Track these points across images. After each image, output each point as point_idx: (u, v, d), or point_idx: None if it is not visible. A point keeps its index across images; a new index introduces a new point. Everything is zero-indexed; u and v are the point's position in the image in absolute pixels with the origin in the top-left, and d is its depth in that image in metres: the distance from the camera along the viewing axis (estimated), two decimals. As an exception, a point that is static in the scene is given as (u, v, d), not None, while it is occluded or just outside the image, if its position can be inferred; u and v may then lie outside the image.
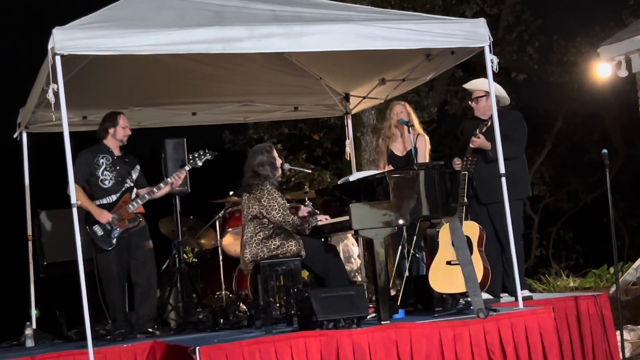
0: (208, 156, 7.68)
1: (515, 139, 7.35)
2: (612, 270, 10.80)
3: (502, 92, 7.59)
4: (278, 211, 6.74)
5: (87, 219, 7.26)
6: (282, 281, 7.02)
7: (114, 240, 7.29)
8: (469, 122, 7.84)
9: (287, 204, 6.90)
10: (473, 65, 13.78)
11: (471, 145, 7.24)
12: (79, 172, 7.11)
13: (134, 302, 7.50)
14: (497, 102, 7.55)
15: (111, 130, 7.51)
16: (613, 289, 9.11)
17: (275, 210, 6.74)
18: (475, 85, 7.71)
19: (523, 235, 7.79)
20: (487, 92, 7.54)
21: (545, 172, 18.09)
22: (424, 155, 8.05)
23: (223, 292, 8.75)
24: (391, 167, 8.06)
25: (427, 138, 8.24)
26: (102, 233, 7.28)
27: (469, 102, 7.79)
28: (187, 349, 5.73)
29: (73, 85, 6.63)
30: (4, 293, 14.07)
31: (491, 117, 7.11)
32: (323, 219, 6.97)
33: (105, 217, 7.26)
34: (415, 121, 8.23)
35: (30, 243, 8.47)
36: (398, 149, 8.27)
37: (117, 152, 7.54)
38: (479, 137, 7.25)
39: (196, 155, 7.67)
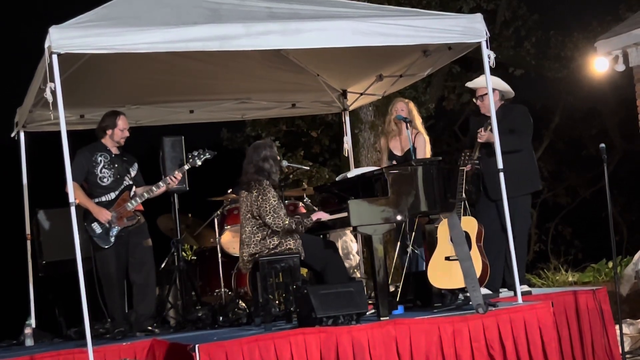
0: (207, 155, 7.68)
1: (521, 132, 7.36)
2: (610, 264, 10.82)
3: (505, 86, 7.62)
4: (268, 213, 6.72)
5: (86, 217, 7.26)
6: (281, 278, 7.02)
7: (113, 239, 7.29)
8: (475, 118, 7.83)
9: (282, 205, 6.86)
10: (470, 60, 13.79)
11: (479, 140, 7.29)
12: (77, 170, 7.11)
13: (133, 301, 7.50)
14: (502, 96, 7.58)
15: (109, 132, 7.51)
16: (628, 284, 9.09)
17: (265, 212, 6.72)
18: (478, 83, 7.70)
19: (523, 230, 7.77)
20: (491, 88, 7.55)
21: (544, 167, 18.05)
22: (423, 155, 8.00)
23: (222, 290, 8.74)
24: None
25: (426, 138, 8.17)
26: (101, 231, 7.27)
27: (474, 100, 7.76)
28: (187, 347, 5.73)
29: (70, 83, 6.62)
30: (3, 292, 14.07)
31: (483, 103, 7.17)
32: (320, 216, 6.96)
33: (104, 215, 7.26)
34: (418, 120, 8.19)
35: (28, 242, 8.47)
36: (397, 148, 8.23)
37: (114, 151, 7.54)
38: (484, 132, 7.29)
39: (195, 154, 7.67)
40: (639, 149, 10.41)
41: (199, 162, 7.66)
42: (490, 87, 7.06)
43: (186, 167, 7.69)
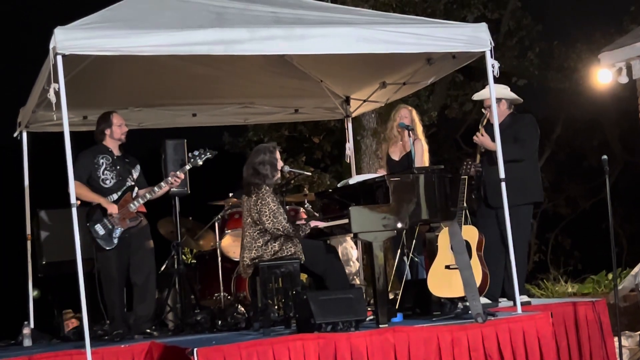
0: (208, 155, 7.65)
1: (524, 141, 7.35)
2: (610, 276, 10.81)
3: (511, 94, 7.61)
4: (268, 217, 6.73)
5: (89, 218, 7.24)
6: (281, 283, 7.01)
7: (116, 240, 7.27)
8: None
9: (281, 209, 6.86)
10: (473, 70, 13.79)
11: (474, 140, 7.28)
12: (79, 172, 7.10)
13: (132, 302, 7.49)
14: (510, 104, 7.59)
15: (107, 131, 7.51)
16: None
17: (265, 217, 6.73)
18: (484, 95, 7.66)
19: (523, 240, 7.75)
20: (498, 98, 7.52)
21: (544, 178, 17.99)
22: (420, 161, 8.01)
23: (221, 294, 8.74)
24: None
25: (425, 146, 8.18)
26: (104, 232, 7.26)
27: (482, 110, 7.73)
28: (185, 351, 5.72)
29: (74, 85, 6.63)
30: (3, 292, 14.08)
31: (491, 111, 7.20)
32: (318, 224, 6.96)
33: (114, 208, 7.24)
34: (419, 128, 8.19)
35: (29, 242, 8.46)
36: (395, 153, 8.25)
37: (117, 152, 7.54)
38: (482, 135, 7.30)
39: (196, 153, 7.65)
40: (640, 161, 10.41)
41: (200, 162, 7.64)
42: (493, 96, 7.05)
43: (187, 167, 7.67)
